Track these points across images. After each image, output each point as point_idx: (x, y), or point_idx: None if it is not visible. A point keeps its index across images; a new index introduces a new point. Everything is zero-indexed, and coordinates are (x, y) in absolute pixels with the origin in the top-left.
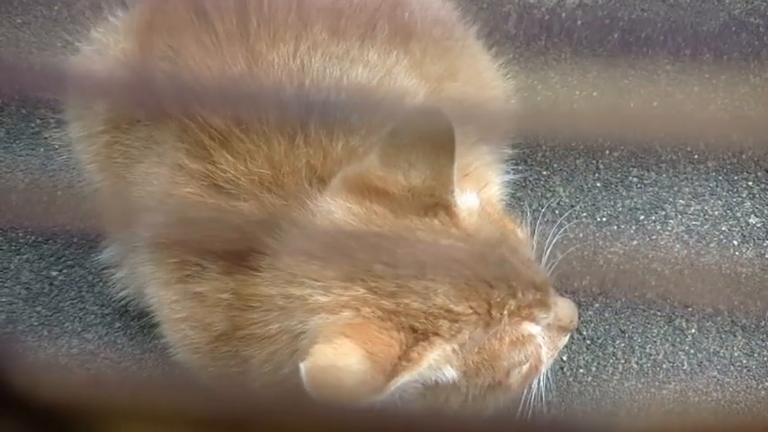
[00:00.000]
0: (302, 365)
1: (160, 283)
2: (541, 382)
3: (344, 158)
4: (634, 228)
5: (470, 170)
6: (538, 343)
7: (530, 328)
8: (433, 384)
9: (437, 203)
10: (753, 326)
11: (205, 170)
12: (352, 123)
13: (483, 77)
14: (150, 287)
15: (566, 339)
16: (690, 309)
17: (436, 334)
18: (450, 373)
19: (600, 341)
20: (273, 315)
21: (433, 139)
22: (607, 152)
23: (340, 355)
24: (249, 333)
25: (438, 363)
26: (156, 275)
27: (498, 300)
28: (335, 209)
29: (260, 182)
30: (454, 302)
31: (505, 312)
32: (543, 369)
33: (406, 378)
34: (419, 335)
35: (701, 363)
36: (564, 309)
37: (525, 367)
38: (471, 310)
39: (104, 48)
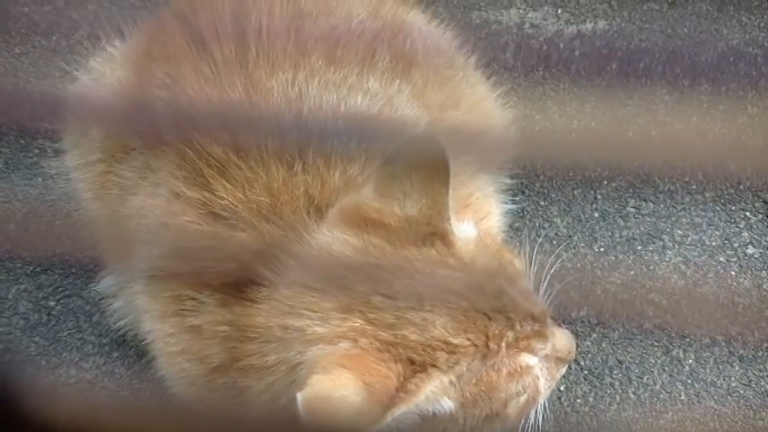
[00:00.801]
0: (299, 395)
1: (155, 317)
2: (539, 413)
3: (342, 188)
4: (632, 258)
5: (471, 201)
6: (535, 374)
7: (527, 359)
8: (431, 415)
9: (434, 232)
10: (750, 356)
11: (203, 198)
12: (350, 152)
13: (483, 106)
14: (145, 321)
15: (563, 370)
16: (687, 339)
17: (434, 366)
18: (448, 405)
19: (597, 371)
20: (271, 346)
21: (427, 168)
22: (605, 182)
23: (337, 386)
24: (247, 364)
25: (435, 394)
26: (151, 309)
27: (496, 332)
28: (333, 240)
29: (258, 210)
30: (452, 334)
31: (503, 344)
32: (541, 400)
33: (403, 409)
34: (417, 366)
35: (699, 393)
36: (562, 340)
37: (523, 398)
38: (469, 342)
39: (101, 77)
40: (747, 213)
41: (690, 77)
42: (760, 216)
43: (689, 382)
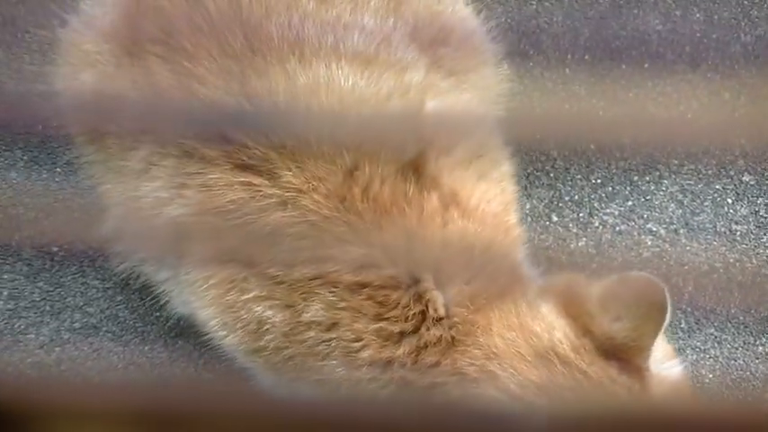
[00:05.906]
0: None
1: (209, 262)
2: None
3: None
4: (629, 189)
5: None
6: None
7: None
8: None
9: (630, 362)
10: (749, 282)
11: (223, 151)
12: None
13: (473, 41)
14: (193, 268)
15: None
16: (686, 267)
17: None
18: None
19: None
20: (454, 379)
21: (647, 307)
22: (600, 113)
23: None
24: (378, 356)
25: None
26: (197, 252)
27: None
28: (553, 322)
29: (292, 154)
30: None
31: None
32: None
33: None
34: None
35: (699, 320)
36: None
37: None
38: None
39: (92, 20)
40: (743, 140)
41: (682, 7)
42: (755, 142)
43: (688, 309)
